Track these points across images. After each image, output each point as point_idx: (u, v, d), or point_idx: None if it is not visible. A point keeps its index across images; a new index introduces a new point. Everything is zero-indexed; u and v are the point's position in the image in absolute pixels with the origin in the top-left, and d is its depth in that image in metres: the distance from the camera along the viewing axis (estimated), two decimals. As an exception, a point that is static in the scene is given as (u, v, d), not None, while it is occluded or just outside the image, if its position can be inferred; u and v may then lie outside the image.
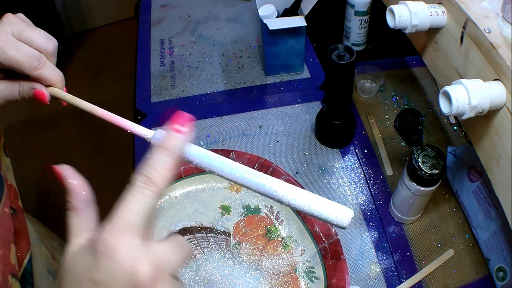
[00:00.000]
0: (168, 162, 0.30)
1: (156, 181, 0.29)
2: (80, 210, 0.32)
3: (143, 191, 0.29)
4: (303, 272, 0.63)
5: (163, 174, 0.30)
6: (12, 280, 0.45)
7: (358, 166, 0.79)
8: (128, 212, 0.28)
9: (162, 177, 0.30)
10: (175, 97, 0.92)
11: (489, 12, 0.47)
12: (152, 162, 0.30)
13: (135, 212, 0.28)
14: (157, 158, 0.30)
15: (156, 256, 0.28)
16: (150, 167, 0.30)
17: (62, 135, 1.97)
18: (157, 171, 0.30)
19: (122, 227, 0.28)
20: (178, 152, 0.31)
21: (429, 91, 0.91)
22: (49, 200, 1.74)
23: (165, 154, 0.31)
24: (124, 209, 0.28)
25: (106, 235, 0.27)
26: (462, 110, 0.42)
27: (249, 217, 0.69)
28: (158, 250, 0.29)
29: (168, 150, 0.31)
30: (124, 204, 0.29)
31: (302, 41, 0.89)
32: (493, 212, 0.63)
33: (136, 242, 0.28)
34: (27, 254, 0.52)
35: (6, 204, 0.49)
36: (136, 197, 0.29)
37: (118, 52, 2.38)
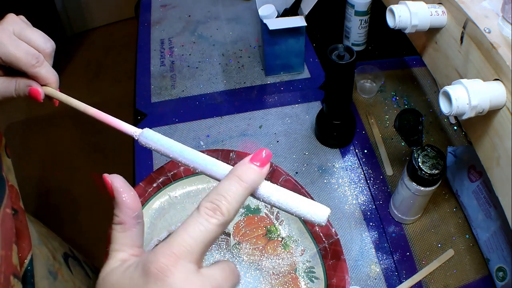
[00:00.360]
0: (241, 193, 0.29)
1: (224, 211, 0.28)
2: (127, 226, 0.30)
3: (209, 219, 0.28)
4: (303, 272, 0.63)
5: (233, 205, 0.28)
6: (14, 281, 0.45)
7: (358, 166, 0.79)
8: (189, 238, 0.27)
9: (231, 207, 0.28)
10: (175, 97, 0.92)
11: (489, 12, 0.47)
12: (223, 190, 0.29)
13: (196, 238, 0.27)
14: (229, 187, 0.29)
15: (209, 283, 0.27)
16: (220, 195, 0.28)
17: (62, 135, 1.97)
18: (227, 200, 0.28)
19: (180, 251, 0.27)
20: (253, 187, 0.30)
21: (429, 91, 0.91)
22: (49, 200, 1.74)
23: (239, 184, 0.29)
24: (185, 233, 0.27)
25: (162, 257, 0.26)
26: (462, 110, 0.42)
27: (249, 217, 0.69)
28: (212, 277, 0.28)
29: (244, 181, 0.29)
30: (186, 228, 0.27)
31: (302, 41, 0.89)
32: (493, 212, 0.63)
33: (192, 269, 0.27)
34: (28, 255, 0.52)
35: (8, 205, 0.49)
36: (200, 223, 0.27)
37: (118, 52, 2.38)
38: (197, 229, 0.27)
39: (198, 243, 0.27)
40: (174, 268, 0.26)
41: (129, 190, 0.30)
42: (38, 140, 1.96)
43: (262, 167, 0.30)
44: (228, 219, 0.28)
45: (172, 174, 0.71)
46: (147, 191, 0.69)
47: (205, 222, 0.27)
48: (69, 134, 1.97)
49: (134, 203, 0.30)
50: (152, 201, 0.69)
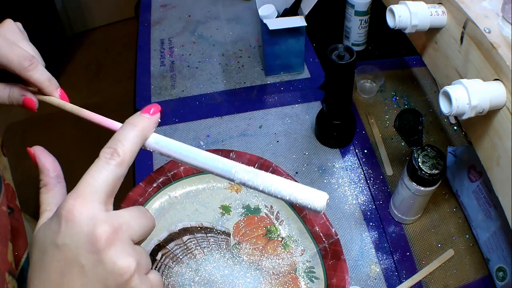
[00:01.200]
0: (134, 136, 0.32)
1: (120, 152, 0.31)
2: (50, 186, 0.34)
3: (108, 161, 0.31)
4: (303, 272, 0.63)
5: (128, 147, 0.32)
6: (9, 278, 0.45)
7: (358, 166, 0.79)
8: (92, 179, 0.30)
9: (126, 149, 0.32)
10: (175, 97, 0.92)
11: (489, 12, 0.47)
12: (118, 136, 0.32)
13: (99, 180, 0.30)
14: (123, 132, 0.33)
15: (115, 219, 0.30)
16: (116, 140, 0.32)
17: (62, 135, 1.97)
18: (122, 144, 0.32)
19: (85, 192, 0.29)
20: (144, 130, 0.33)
21: (429, 91, 0.91)
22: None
23: (131, 128, 0.33)
24: (89, 176, 0.30)
25: (69, 200, 0.29)
26: (462, 110, 0.42)
27: (249, 217, 0.69)
28: (118, 214, 0.30)
29: (135, 125, 0.33)
30: (89, 172, 0.30)
31: (302, 41, 0.89)
32: (493, 212, 0.63)
33: (98, 207, 0.29)
34: (25, 253, 0.52)
35: (3, 203, 0.49)
36: (101, 166, 0.31)
37: (118, 52, 2.38)
38: (98, 171, 0.30)
39: (100, 183, 0.30)
40: (81, 207, 0.29)
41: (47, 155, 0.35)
42: (38, 140, 1.96)
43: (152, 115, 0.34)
44: (124, 159, 0.31)
45: (172, 174, 0.71)
46: (147, 191, 0.69)
47: (104, 164, 0.31)
48: (69, 134, 1.97)
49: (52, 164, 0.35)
50: (152, 201, 0.69)
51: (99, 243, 0.28)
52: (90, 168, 0.31)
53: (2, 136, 0.55)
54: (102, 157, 0.31)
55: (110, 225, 0.29)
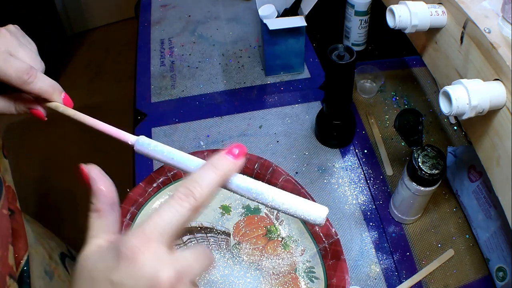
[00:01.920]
0: (214, 180, 0.30)
1: (197, 196, 0.29)
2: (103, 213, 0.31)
3: (181, 202, 0.29)
4: (303, 272, 0.63)
5: (206, 191, 0.29)
6: (10, 281, 0.45)
7: (358, 166, 0.79)
8: (162, 221, 0.28)
9: (203, 193, 0.29)
10: (175, 97, 0.92)
11: (489, 12, 0.47)
12: (197, 177, 0.30)
13: (168, 221, 0.28)
14: (203, 173, 0.30)
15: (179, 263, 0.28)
16: (194, 181, 0.30)
17: (62, 135, 1.97)
18: (200, 186, 0.29)
19: (151, 233, 0.27)
20: (226, 175, 0.31)
21: (429, 91, 0.91)
22: (48, 201, 1.74)
23: (212, 171, 0.30)
24: (158, 217, 0.28)
25: (133, 238, 0.27)
26: (462, 110, 0.42)
27: (249, 217, 0.69)
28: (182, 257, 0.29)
29: (217, 169, 0.30)
30: (159, 212, 0.28)
31: (302, 41, 0.89)
32: (493, 212, 0.63)
33: (162, 249, 0.28)
34: (25, 255, 0.52)
35: (4, 206, 0.49)
36: (173, 207, 0.28)
37: (118, 52, 2.38)
38: (169, 212, 0.28)
39: (169, 225, 0.28)
40: (145, 249, 0.27)
41: (105, 179, 0.32)
42: (38, 140, 1.96)
43: (236, 159, 0.32)
44: (199, 204, 0.29)
45: (172, 174, 0.71)
46: (147, 191, 0.69)
47: (177, 206, 0.28)
48: (69, 134, 1.97)
49: (110, 191, 0.31)
50: (152, 201, 0.69)
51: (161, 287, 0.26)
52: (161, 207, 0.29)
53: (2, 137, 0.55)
54: (176, 197, 0.29)
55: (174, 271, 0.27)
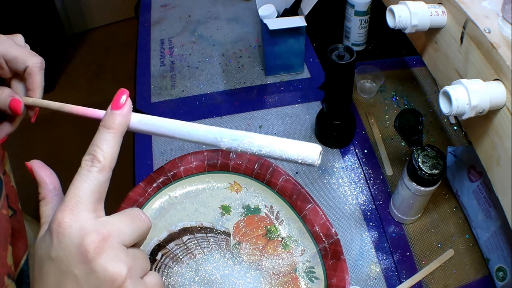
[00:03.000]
0: (110, 139, 0.33)
1: (100, 157, 0.31)
2: (48, 199, 0.34)
3: (89, 168, 0.31)
4: (303, 272, 0.63)
5: (107, 151, 0.32)
6: (8, 281, 0.45)
7: (358, 166, 0.79)
8: (77, 190, 0.30)
9: (106, 154, 0.32)
10: (175, 97, 0.92)
11: (489, 12, 0.47)
12: (95, 141, 0.33)
13: (84, 189, 0.30)
14: (99, 136, 0.33)
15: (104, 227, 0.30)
16: (94, 146, 0.32)
17: (62, 135, 1.97)
18: (100, 149, 0.32)
19: (72, 204, 0.30)
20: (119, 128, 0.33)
21: (429, 91, 0.91)
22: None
23: (106, 132, 0.33)
24: (74, 188, 0.30)
25: (58, 213, 0.30)
26: (462, 110, 0.42)
27: (249, 217, 0.69)
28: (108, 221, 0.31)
29: (108, 128, 0.33)
30: (74, 183, 0.31)
31: (302, 41, 0.89)
32: (493, 212, 0.63)
33: (86, 217, 0.30)
34: (24, 255, 0.52)
35: (4, 206, 0.49)
36: (84, 175, 0.31)
37: (118, 52, 2.38)
38: (81, 180, 0.31)
39: (86, 192, 0.30)
40: (69, 219, 0.29)
41: (45, 168, 0.35)
42: (38, 140, 1.96)
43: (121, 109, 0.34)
44: (105, 164, 0.32)
45: (172, 174, 0.71)
46: (147, 191, 0.69)
47: (86, 172, 0.31)
48: (69, 134, 1.97)
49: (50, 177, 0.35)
50: (152, 201, 0.69)
51: (88, 253, 0.29)
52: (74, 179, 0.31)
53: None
54: (84, 165, 0.31)
55: (98, 234, 0.29)
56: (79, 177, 0.31)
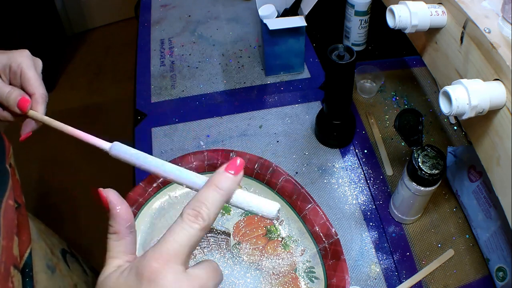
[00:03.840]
0: (218, 200, 0.32)
1: (205, 216, 0.31)
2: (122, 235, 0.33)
3: (191, 224, 0.30)
4: (303, 272, 0.63)
5: (212, 211, 0.31)
6: (14, 272, 0.46)
7: (358, 166, 0.79)
8: (176, 244, 0.30)
9: (210, 213, 0.31)
10: (175, 97, 0.92)
11: (489, 12, 0.47)
12: (202, 198, 0.32)
13: (182, 243, 0.30)
14: (208, 194, 0.32)
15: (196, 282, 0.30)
16: (201, 202, 0.31)
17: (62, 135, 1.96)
18: (207, 207, 0.31)
19: (169, 255, 0.29)
20: (229, 193, 0.33)
21: (429, 91, 0.92)
22: (49, 200, 1.74)
23: (217, 192, 0.32)
24: (172, 239, 0.30)
25: (152, 260, 0.29)
26: (462, 110, 0.42)
27: (249, 217, 0.69)
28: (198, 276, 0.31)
29: (221, 189, 0.32)
30: (172, 234, 0.30)
31: (302, 41, 0.89)
32: (493, 212, 0.63)
33: (180, 270, 0.30)
34: (28, 249, 0.52)
35: (10, 197, 0.50)
36: (184, 229, 0.30)
37: (118, 52, 2.38)
38: (182, 234, 0.30)
39: (183, 247, 0.30)
40: (165, 270, 0.29)
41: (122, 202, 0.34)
42: (38, 140, 1.96)
43: (236, 175, 0.33)
44: (208, 224, 0.31)
45: (172, 174, 0.71)
46: (147, 191, 0.69)
47: (188, 227, 0.30)
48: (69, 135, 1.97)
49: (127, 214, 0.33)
50: (152, 201, 0.69)
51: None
52: (172, 229, 0.31)
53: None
54: (186, 219, 0.31)
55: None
56: (179, 229, 0.30)
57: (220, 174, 0.33)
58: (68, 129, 0.44)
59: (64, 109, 2.05)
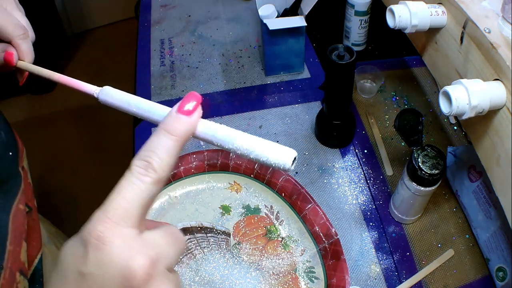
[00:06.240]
0: (172, 146, 0.27)
1: (156, 166, 0.26)
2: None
3: (141, 177, 0.26)
4: (303, 272, 0.63)
5: (165, 160, 0.27)
6: (20, 278, 0.45)
7: (358, 166, 0.79)
8: (123, 200, 0.25)
9: (163, 163, 0.27)
10: (175, 97, 0.92)
11: (489, 12, 0.47)
12: (152, 146, 0.27)
13: (131, 200, 0.25)
14: (158, 141, 0.27)
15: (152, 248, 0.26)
16: (150, 151, 0.27)
17: (62, 135, 1.97)
18: (158, 156, 0.27)
19: (116, 216, 0.25)
20: (184, 137, 0.28)
21: (429, 91, 0.91)
22: (49, 200, 1.74)
23: (168, 137, 0.27)
24: (119, 196, 0.26)
25: (98, 224, 0.25)
26: (462, 110, 0.42)
27: (249, 217, 0.69)
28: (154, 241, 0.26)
29: (171, 133, 0.27)
30: (119, 191, 0.26)
31: (302, 41, 0.89)
32: (493, 212, 0.63)
33: (131, 233, 0.25)
34: (38, 254, 0.52)
35: (22, 201, 0.49)
36: (133, 183, 0.26)
37: (118, 52, 2.38)
38: (130, 190, 0.26)
39: (134, 205, 0.25)
40: (112, 234, 0.25)
41: None
42: (38, 140, 1.96)
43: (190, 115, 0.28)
44: (161, 175, 0.26)
45: (172, 174, 0.71)
46: (147, 191, 0.69)
47: (138, 181, 0.26)
48: (69, 134, 1.97)
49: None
50: (152, 201, 0.69)
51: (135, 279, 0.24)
52: (120, 185, 0.26)
53: None
54: (134, 171, 0.26)
55: (147, 257, 0.25)
56: (127, 184, 0.26)
57: (171, 116, 0.28)
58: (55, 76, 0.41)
59: (64, 109, 2.05)
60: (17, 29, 0.44)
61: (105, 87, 0.36)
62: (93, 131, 1.92)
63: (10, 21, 0.43)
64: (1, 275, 0.41)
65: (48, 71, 0.42)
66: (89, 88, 0.38)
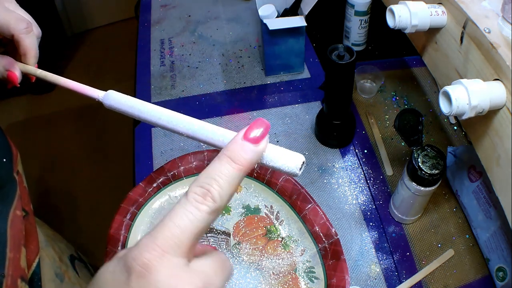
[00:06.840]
0: (234, 175, 0.25)
1: (215, 195, 0.24)
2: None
3: (198, 205, 0.24)
4: (303, 272, 0.63)
5: (225, 189, 0.25)
6: (22, 284, 0.45)
7: (358, 166, 0.79)
8: (175, 228, 0.24)
9: (223, 192, 0.25)
10: (175, 97, 0.92)
11: (489, 12, 0.47)
12: (214, 173, 0.25)
13: (184, 229, 0.24)
14: (220, 168, 0.25)
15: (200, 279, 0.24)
16: (211, 178, 0.25)
17: (62, 135, 1.97)
18: (218, 184, 0.25)
19: (166, 244, 0.23)
20: (248, 167, 0.26)
21: (429, 91, 0.91)
22: (49, 200, 1.74)
23: (231, 165, 0.25)
24: (172, 223, 0.24)
25: (145, 251, 0.23)
26: (462, 110, 0.42)
27: (249, 217, 0.69)
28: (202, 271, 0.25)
29: (236, 163, 0.25)
30: (172, 217, 0.24)
31: (302, 41, 0.89)
32: (493, 212, 0.63)
33: (180, 263, 0.24)
34: (36, 258, 0.52)
35: (18, 207, 0.49)
36: (189, 211, 0.24)
37: (118, 52, 2.38)
38: (185, 218, 0.24)
39: (186, 234, 0.24)
40: (159, 264, 0.23)
41: None
42: (38, 140, 1.96)
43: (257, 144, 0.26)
44: (220, 205, 0.25)
45: (172, 174, 0.71)
46: (147, 191, 0.69)
47: (194, 209, 0.24)
48: (69, 134, 1.97)
49: None
50: (152, 201, 0.69)
51: None
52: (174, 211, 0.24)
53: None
54: (191, 199, 0.24)
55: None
56: (181, 211, 0.24)
57: (236, 143, 0.26)
58: (61, 81, 0.41)
59: (64, 109, 2.05)
60: (20, 23, 0.42)
61: (110, 92, 0.36)
62: (93, 131, 1.92)
63: (13, 15, 0.42)
64: (3, 283, 0.41)
65: (54, 76, 0.42)
66: (92, 92, 0.39)
